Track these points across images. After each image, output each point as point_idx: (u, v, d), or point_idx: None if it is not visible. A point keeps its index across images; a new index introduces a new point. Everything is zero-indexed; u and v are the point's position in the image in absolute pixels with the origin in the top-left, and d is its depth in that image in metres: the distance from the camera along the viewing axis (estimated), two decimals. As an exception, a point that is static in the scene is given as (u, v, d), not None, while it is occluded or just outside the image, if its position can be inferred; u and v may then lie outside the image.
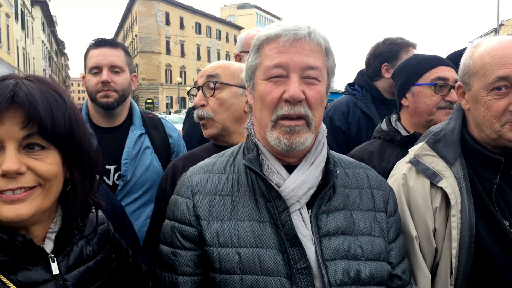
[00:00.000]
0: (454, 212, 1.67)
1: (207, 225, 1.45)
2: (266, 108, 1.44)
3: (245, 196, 1.48)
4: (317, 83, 1.43)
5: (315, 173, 1.47)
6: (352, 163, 1.66)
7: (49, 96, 1.23)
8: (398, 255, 1.55)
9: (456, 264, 1.64)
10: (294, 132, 1.41)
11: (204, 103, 2.09)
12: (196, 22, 74.58)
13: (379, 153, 2.40)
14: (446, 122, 1.87)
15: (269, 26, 1.49)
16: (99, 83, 2.67)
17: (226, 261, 1.39)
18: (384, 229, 1.53)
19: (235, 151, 1.64)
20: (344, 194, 1.53)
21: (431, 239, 1.72)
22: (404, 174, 1.82)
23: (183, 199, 1.52)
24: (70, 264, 1.34)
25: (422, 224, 1.73)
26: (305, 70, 1.40)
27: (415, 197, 1.76)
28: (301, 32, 1.40)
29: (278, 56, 1.41)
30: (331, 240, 1.43)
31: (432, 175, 1.75)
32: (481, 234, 1.65)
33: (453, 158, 1.74)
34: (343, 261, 1.41)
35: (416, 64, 2.46)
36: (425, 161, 1.79)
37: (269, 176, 1.46)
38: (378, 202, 1.56)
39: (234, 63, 2.18)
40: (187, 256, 1.47)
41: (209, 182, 1.53)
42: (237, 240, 1.41)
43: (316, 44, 1.43)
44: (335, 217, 1.47)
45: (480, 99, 1.68)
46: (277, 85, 1.42)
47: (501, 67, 1.61)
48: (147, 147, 2.82)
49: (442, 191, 1.72)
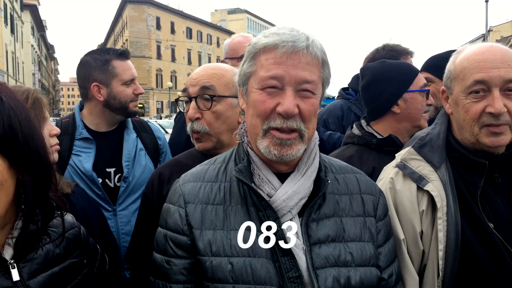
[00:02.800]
0: (440, 215, 1.69)
1: (199, 234, 1.45)
2: (258, 116, 1.43)
3: (237, 205, 1.48)
4: (312, 96, 1.43)
5: (306, 184, 1.48)
6: (343, 168, 1.66)
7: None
8: (386, 259, 1.56)
9: (443, 266, 1.66)
10: (286, 145, 1.41)
11: (199, 116, 2.01)
12: (187, 27, 74.53)
13: (357, 157, 2.41)
14: (432, 127, 1.90)
15: (266, 34, 1.47)
16: (133, 94, 2.85)
17: (219, 271, 1.39)
18: (374, 234, 1.54)
19: (226, 158, 1.63)
20: (334, 201, 1.53)
21: (418, 242, 1.74)
22: (391, 178, 1.84)
23: (175, 207, 1.52)
24: (33, 269, 1.32)
25: (409, 227, 1.75)
26: (301, 83, 1.40)
27: (402, 201, 1.78)
28: (299, 44, 1.39)
29: (274, 67, 1.40)
30: (321, 248, 1.44)
31: (419, 179, 1.77)
32: (467, 236, 1.67)
33: (439, 162, 1.77)
34: (333, 269, 1.41)
35: (403, 72, 2.48)
36: (411, 165, 1.82)
37: (260, 186, 1.46)
38: (368, 207, 1.57)
39: (227, 70, 2.09)
40: (181, 264, 1.48)
41: (202, 191, 1.53)
42: (229, 249, 1.41)
43: (313, 57, 1.42)
44: (325, 225, 1.47)
45: (460, 102, 1.72)
46: (271, 96, 1.41)
47: (478, 71, 1.66)
48: (141, 149, 2.90)
49: (428, 195, 1.74)
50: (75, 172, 2.64)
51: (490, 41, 45.71)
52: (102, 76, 2.77)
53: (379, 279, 1.51)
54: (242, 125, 1.60)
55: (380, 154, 2.38)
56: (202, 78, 2.02)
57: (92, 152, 2.73)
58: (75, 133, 2.76)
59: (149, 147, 2.95)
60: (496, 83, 1.64)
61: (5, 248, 1.29)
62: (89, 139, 2.75)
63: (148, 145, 2.95)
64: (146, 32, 65.30)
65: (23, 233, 1.31)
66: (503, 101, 1.63)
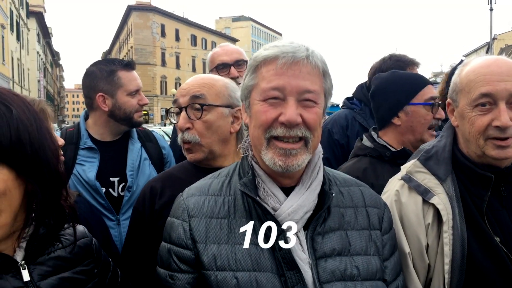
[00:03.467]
0: (446, 228, 1.68)
1: (204, 248, 1.44)
2: (260, 126, 1.43)
3: (241, 218, 1.47)
4: (315, 106, 1.43)
5: (311, 197, 1.47)
6: (347, 181, 1.65)
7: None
8: (392, 272, 1.54)
9: (449, 280, 1.65)
10: (291, 155, 1.40)
11: (190, 126, 1.99)
12: (191, 34, 74.89)
13: (372, 170, 2.39)
14: (438, 139, 1.89)
15: (267, 47, 1.48)
16: (138, 104, 2.86)
17: (224, 285, 1.38)
18: (379, 247, 1.52)
19: (230, 172, 1.62)
20: (339, 214, 1.52)
21: (423, 255, 1.73)
22: (396, 191, 1.83)
23: (179, 221, 1.51)
24: (44, 272, 1.35)
25: (415, 240, 1.73)
26: (303, 93, 1.40)
27: (407, 214, 1.77)
28: (299, 54, 1.40)
29: (275, 78, 1.40)
30: (327, 262, 1.42)
31: (424, 192, 1.76)
32: (473, 250, 1.66)
33: (445, 175, 1.76)
34: (339, 283, 1.40)
35: (408, 83, 2.46)
36: (417, 177, 1.81)
37: (265, 200, 1.46)
38: (373, 220, 1.56)
39: (217, 79, 2.09)
40: (185, 279, 1.46)
41: (206, 204, 1.52)
42: (234, 263, 1.40)
43: (314, 67, 1.42)
44: (331, 238, 1.46)
45: (466, 115, 1.71)
46: (274, 106, 1.41)
47: (484, 84, 1.65)
48: (146, 158, 2.92)
49: (434, 208, 1.73)
50: (79, 181, 2.65)
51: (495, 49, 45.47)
52: (108, 87, 2.79)
53: None
54: (246, 138, 1.60)
55: (393, 167, 2.32)
56: (192, 88, 2.01)
57: (96, 161, 2.74)
58: (80, 142, 2.78)
59: (154, 157, 2.96)
60: (503, 96, 1.63)
61: (17, 251, 1.34)
62: (93, 148, 2.76)
63: (152, 155, 2.96)
64: (151, 39, 65.66)
65: (33, 237, 1.35)
66: (509, 114, 1.62)
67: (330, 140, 3.45)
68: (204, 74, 2.17)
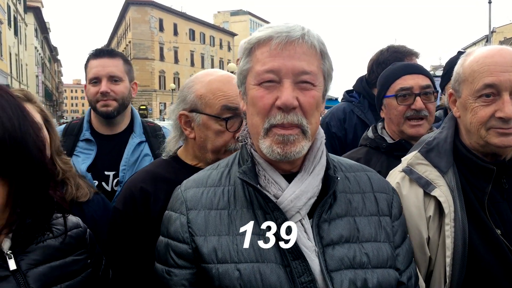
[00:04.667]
0: (447, 221, 1.67)
1: (203, 241, 1.39)
2: (258, 114, 1.38)
3: (242, 208, 1.42)
4: (312, 88, 1.36)
5: (314, 182, 1.41)
6: (353, 166, 1.60)
7: None
8: (405, 260, 1.48)
9: (450, 273, 1.64)
10: (289, 142, 1.35)
11: None
12: (189, 28, 74.64)
13: (365, 160, 2.41)
14: (439, 131, 1.88)
15: (261, 29, 1.42)
16: (98, 93, 2.75)
17: (226, 278, 1.32)
18: (390, 234, 1.47)
19: (230, 162, 1.57)
20: (346, 200, 1.46)
21: (425, 248, 1.72)
22: (397, 183, 1.82)
23: (177, 215, 1.46)
24: (33, 261, 1.35)
25: (416, 233, 1.73)
26: (299, 75, 1.34)
27: (408, 206, 1.75)
28: (294, 34, 1.34)
29: (270, 60, 1.35)
30: (335, 250, 1.37)
31: (425, 184, 1.75)
32: (474, 243, 1.65)
33: (446, 167, 1.74)
34: (349, 271, 1.34)
35: (385, 77, 2.50)
36: (418, 170, 1.80)
37: (266, 187, 1.40)
38: (382, 206, 1.50)
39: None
40: (182, 275, 1.41)
41: (204, 196, 1.47)
42: (236, 255, 1.35)
43: (310, 46, 1.36)
44: (338, 225, 1.41)
45: (468, 105, 1.69)
46: (269, 90, 1.35)
47: (488, 75, 1.63)
48: (146, 154, 2.87)
49: (435, 200, 1.72)
50: None
51: (494, 42, 45.42)
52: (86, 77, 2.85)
53: (398, 282, 1.43)
54: (244, 126, 1.55)
55: (389, 158, 2.38)
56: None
57: (92, 154, 2.74)
58: (80, 134, 2.79)
59: (158, 154, 2.84)
60: (506, 87, 1.61)
61: (4, 241, 1.33)
62: (91, 141, 2.77)
63: (156, 151, 2.89)
64: (149, 33, 65.46)
65: (20, 228, 1.34)
66: None
67: (328, 133, 3.43)
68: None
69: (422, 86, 2.34)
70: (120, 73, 2.83)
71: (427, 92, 2.35)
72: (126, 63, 2.92)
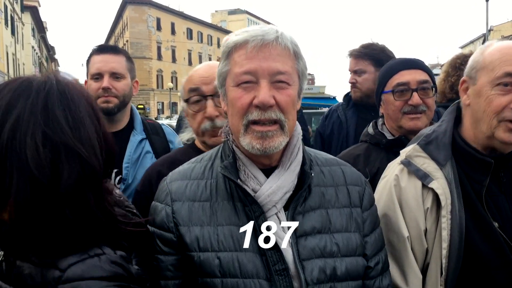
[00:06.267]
0: (444, 213, 1.68)
1: (186, 230, 1.48)
2: (237, 113, 1.45)
3: (223, 201, 1.51)
4: (288, 87, 1.44)
5: (290, 178, 1.50)
6: (329, 161, 1.67)
7: None
8: (373, 247, 1.57)
9: (446, 265, 1.66)
10: (267, 137, 1.43)
11: (218, 113, 2.02)
12: (187, 27, 74.59)
13: (364, 156, 2.44)
14: (438, 124, 1.88)
15: (237, 32, 1.51)
16: (100, 89, 2.73)
17: (207, 265, 1.42)
18: (360, 224, 1.55)
19: (213, 156, 1.64)
20: (319, 193, 1.55)
21: (422, 240, 1.74)
22: (396, 175, 1.84)
23: (162, 205, 1.55)
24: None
25: (414, 224, 1.75)
26: (275, 75, 1.42)
27: (407, 198, 1.77)
28: (268, 37, 1.42)
29: (247, 62, 1.42)
30: (307, 240, 1.46)
31: (424, 176, 1.76)
32: (471, 235, 1.67)
33: (444, 160, 1.76)
34: (319, 260, 1.44)
35: (383, 72, 2.51)
36: (416, 162, 1.81)
37: (246, 182, 1.48)
38: (354, 198, 1.58)
39: None
40: (168, 261, 1.50)
41: (188, 188, 1.55)
42: (216, 244, 1.44)
43: (284, 48, 1.44)
44: (311, 217, 1.50)
45: (484, 93, 1.69)
46: (247, 91, 1.43)
47: (510, 64, 1.63)
48: (148, 151, 2.87)
49: (433, 192, 1.73)
50: None
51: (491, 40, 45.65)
52: (87, 73, 2.84)
53: (365, 267, 1.53)
54: (226, 123, 1.61)
55: (389, 154, 2.36)
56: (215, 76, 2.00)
57: None
58: None
59: (158, 151, 2.90)
60: None
61: None
62: None
63: (157, 148, 2.91)
64: (147, 33, 65.38)
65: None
66: None
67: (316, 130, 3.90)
68: (214, 62, 2.14)
69: (419, 81, 2.33)
70: (122, 70, 2.83)
71: (424, 87, 2.33)
72: (128, 61, 2.91)
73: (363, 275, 1.52)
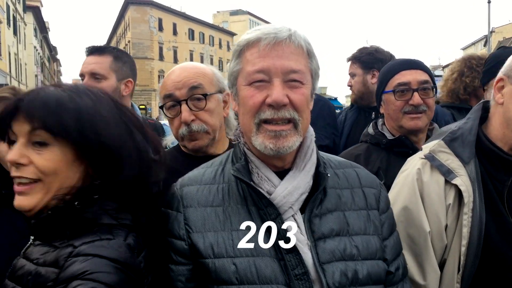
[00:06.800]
0: (466, 210, 1.69)
1: (200, 237, 1.43)
2: (248, 112, 1.42)
3: (237, 205, 1.46)
4: (301, 86, 1.42)
5: (306, 179, 1.46)
6: (342, 163, 1.65)
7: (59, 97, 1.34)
8: (392, 251, 1.54)
9: (463, 262, 1.67)
10: (281, 137, 1.39)
11: (193, 117, 1.99)
12: (189, 28, 74.57)
13: (365, 156, 2.45)
14: (464, 121, 1.87)
15: (249, 31, 1.47)
16: None
17: (222, 272, 1.37)
18: (378, 227, 1.52)
19: (223, 160, 1.61)
20: (335, 195, 1.51)
21: (442, 235, 1.74)
22: (418, 169, 1.83)
23: (174, 212, 1.50)
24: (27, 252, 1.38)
25: (435, 220, 1.75)
26: (288, 73, 1.39)
27: (429, 193, 1.77)
28: (281, 35, 1.39)
29: (259, 61, 1.39)
30: (326, 243, 1.42)
31: (447, 172, 1.76)
32: (491, 234, 1.67)
33: (468, 158, 1.75)
34: (340, 263, 1.40)
35: (384, 72, 2.53)
36: (440, 157, 1.80)
37: (260, 184, 1.45)
38: (370, 200, 1.55)
39: (204, 67, 2.11)
40: (178, 271, 1.46)
41: (200, 193, 1.51)
42: (232, 250, 1.40)
43: (297, 46, 1.42)
44: (328, 219, 1.46)
45: None
46: (259, 89, 1.40)
47: None
48: None
49: (455, 189, 1.73)
50: None
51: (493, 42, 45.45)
52: None
53: (386, 272, 1.49)
54: (237, 126, 1.59)
55: (389, 154, 2.40)
56: (187, 80, 2.01)
57: None
58: None
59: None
60: None
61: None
62: None
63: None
64: (149, 33, 65.36)
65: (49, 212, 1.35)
66: None
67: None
68: (190, 63, 2.16)
69: (420, 81, 2.36)
70: (103, 70, 2.81)
71: (425, 87, 2.36)
72: (116, 60, 2.89)
73: (385, 280, 1.48)
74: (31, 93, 1.36)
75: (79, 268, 1.18)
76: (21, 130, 1.33)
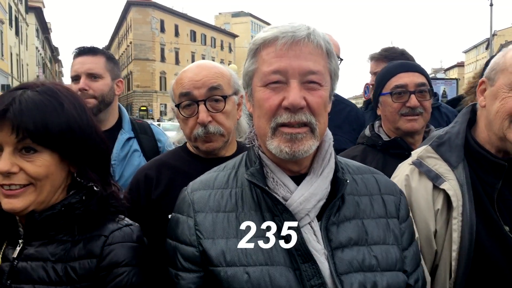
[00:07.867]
0: (455, 215, 1.67)
1: (211, 243, 1.37)
2: (264, 115, 1.36)
3: (250, 211, 1.40)
4: (319, 88, 1.34)
5: (323, 185, 1.39)
6: (360, 169, 1.58)
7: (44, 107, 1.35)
8: (412, 262, 1.47)
9: (455, 267, 1.65)
10: (297, 140, 1.33)
11: (210, 119, 1.92)
12: (191, 29, 74.77)
13: (361, 158, 2.44)
14: (451, 125, 1.87)
15: (265, 29, 1.40)
16: (78, 90, 2.76)
17: (235, 281, 1.31)
18: (398, 236, 1.44)
19: (236, 164, 1.54)
20: (354, 202, 1.44)
21: (432, 241, 1.72)
22: (406, 175, 1.82)
23: (184, 217, 1.44)
24: (29, 254, 1.39)
25: (424, 225, 1.73)
26: (306, 75, 1.32)
27: (417, 199, 1.76)
28: (300, 33, 1.32)
29: (276, 61, 1.32)
30: (344, 252, 1.35)
31: (435, 177, 1.75)
32: (482, 238, 1.65)
33: (456, 162, 1.74)
34: (358, 274, 1.32)
35: (381, 75, 2.54)
36: (428, 163, 1.79)
37: (275, 189, 1.38)
38: (390, 208, 1.48)
39: (222, 67, 2.06)
40: (189, 279, 1.40)
41: (211, 198, 1.44)
42: (244, 258, 1.33)
43: (316, 46, 1.34)
44: (346, 228, 1.39)
45: (500, 94, 1.67)
46: (276, 91, 1.33)
47: None
48: (136, 150, 2.91)
49: (444, 194, 1.72)
50: None
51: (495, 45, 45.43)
52: None
53: (406, 285, 1.42)
54: (251, 128, 1.52)
55: (385, 156, 2.42)
56: (207, 79, 1.94)
57: None
58: None
59: (146, 149, 2.94)
60: None
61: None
62: None
63: (145, 147, 2.94)
64: (150, 34, 65.56)
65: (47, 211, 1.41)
66: None
67: None
68: (207, 61, 2.09)
69: (417, 83, 2.38)
70: (99, 70, 2.84)
71: (422, 90, 2.38)
72: (109, 61, 2.92)
73: None
74: (13, 101, 1.35)
75: (119, 257, 1.39)
76: (7, 140, 1.33)
